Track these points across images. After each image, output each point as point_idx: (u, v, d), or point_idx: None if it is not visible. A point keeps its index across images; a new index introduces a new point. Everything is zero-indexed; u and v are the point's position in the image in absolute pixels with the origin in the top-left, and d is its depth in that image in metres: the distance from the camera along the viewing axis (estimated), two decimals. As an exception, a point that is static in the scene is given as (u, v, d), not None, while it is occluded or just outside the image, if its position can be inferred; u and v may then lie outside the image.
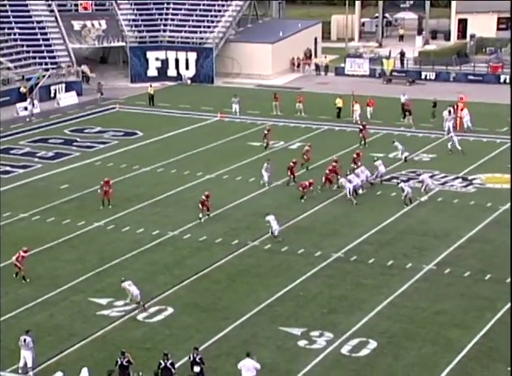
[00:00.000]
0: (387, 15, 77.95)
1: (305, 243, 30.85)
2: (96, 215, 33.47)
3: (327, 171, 36.51)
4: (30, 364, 21.70)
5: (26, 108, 50.51)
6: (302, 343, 23.66)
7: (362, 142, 43.31)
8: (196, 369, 20.15)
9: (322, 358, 22.89)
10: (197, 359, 20.50)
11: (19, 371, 21.84)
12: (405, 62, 63.32)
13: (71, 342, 23.48)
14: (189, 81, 60.86)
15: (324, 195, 35.67)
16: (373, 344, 23.51)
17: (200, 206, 32.89)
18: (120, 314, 25.36)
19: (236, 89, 55.53)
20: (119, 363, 20.70)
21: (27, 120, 49.28)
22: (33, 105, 50.73)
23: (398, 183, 35.93)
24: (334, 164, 37.08)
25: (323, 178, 36.18)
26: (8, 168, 40.16)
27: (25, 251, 27.80)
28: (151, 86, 54.79)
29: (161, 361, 20.57)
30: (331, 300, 26.36)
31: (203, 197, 33.02)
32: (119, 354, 20.98)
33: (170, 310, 25.64)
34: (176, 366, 21.05)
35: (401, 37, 74.95)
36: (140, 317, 25.23)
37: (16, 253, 27.84)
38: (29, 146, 43.93)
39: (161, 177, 38.97)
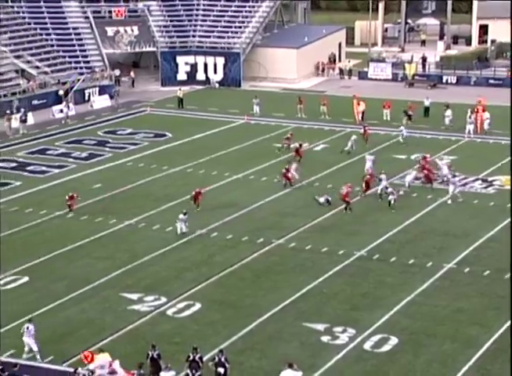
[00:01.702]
0: (409, 21, 77.46)
1: (329, 241, 30.68)
2: (127, 213, 33.54)
3: (368, 176, 35.90)
4: (35, 349, 22.00)
5: (61, 110, 50.83)
6: (325, 339, 23.52)
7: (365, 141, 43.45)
8: (221, 370, 20.08)
9: (345, 353, 22.73)
10: (222, 360, 20.42)
11: (24, 356, 22.03)
12: (426, 66, 62.87)
13: (102, 336, 23.53)
14: (217, 85, 60.89)
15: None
16: (394, 340, 23.31)
17: (192, 202, 33.18)
18: (150, 309, 25.38)
19: (262, 93, 55.46)
20: (150, 355, 20.70)
21: (63, 122, 49.57)
22: (68, 107, 51.05)
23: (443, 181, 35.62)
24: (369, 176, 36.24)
25: (363, 184, 35.60)
26: (44, 168, 40.42)
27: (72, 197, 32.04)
28: (180, 89, 54.90)
29: (190, 354, 20.55)
30: (354, 297, 26.18)
31: (194, 193, 33.44)
32: (150, 347, 20.97)
33: (197, 306, 25.62)
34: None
35: (423, 43, 74.40)
36: (169, 312, 25.24)
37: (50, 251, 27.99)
38: (64, 147, 44.18)
39: (190, 177, 38.99)
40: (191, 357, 20.47)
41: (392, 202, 33.90)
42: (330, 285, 27.08)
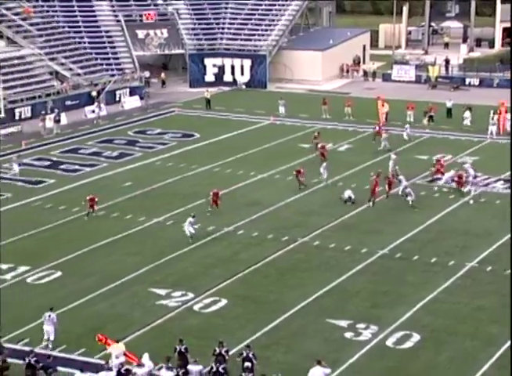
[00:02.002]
0: (433, 24, 76.80)
1: (352, 240, 30.59)
2: (156, 211, 33.71)
3: (390, 177, 35.67)
4: (52, 338, 22.41)
5: (93, 111, 51.20)
6: (348, 335, 23.47)
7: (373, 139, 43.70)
8: (248, 364, 20.12)
9: (368, 349, 22.66)
10: (250, 355, 20.45)
11: (42, 344, 22.32)
12: (449, 68, 62.34)
13: (131, 330, 23.67)
14: (243, 86, 60.93)
15: (368, 197, 35.24)
16: (416, 337, 23.20)
17: (210, 203, 33.12)
18: (178, 304, 25.49)
19: (287, 94, 55.41)
20: (178, 349, 20.80)
21: (94, 122, 49.93)
22: (100, 108, 51.41)
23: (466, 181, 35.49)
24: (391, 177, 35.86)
25: (386, 185, 35.27)
26: (76, 167, 40.74)
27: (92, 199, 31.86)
28: (208, 91, 55.04)
29: (216, 348, 20.62)
30: (376, 295, 26.08)
31: (212, 194, 33.33)
32: (177, 341, 21.06)
33: (223, 301, 25.68)
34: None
35: (446, 45, 73.75)
36: (196, 307, 25.33)
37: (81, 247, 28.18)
38: (96, 146, 44.50)
39: (217, 176, 39.08)
40: (217, 351, 20.55)
41: (410, 203, 33.70)
42: (353, 283, 27.01)
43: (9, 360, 20.50)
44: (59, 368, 20.30)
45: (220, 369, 19.83)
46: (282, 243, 30.49)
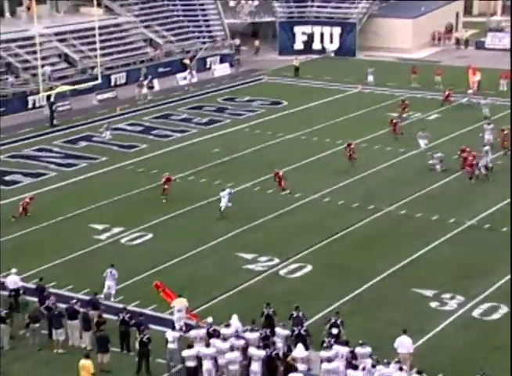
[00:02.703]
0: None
1: (439, 210, 30.00)
2: (244, 177, 33.91)
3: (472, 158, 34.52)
4: (113, 292, 23.36)
5: (185, 78, 51.75)
6: (434, 304, 23.15)
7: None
8: (335, 331, 20.15)
9: (453, 319, 22.32)
10: (338, 322, 20.46)
11: (102, 296, 23.12)
12: (546, 36, 59.68)
13: (219, 292, 24.05)
14: (332, 54, 60.22)
15: (456, 168, 34.37)
16: (503, 309, 22.66)
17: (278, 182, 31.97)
18: (264, 269, 25.70)
19: (376, 62, 54.42)
20: (265, 313, 21.00)
21: (186, 89, 50.46)
22: (191, 75, 51.91)
23: None
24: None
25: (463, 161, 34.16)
26: (167, 133, 41.35)
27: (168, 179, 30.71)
28: (297, 59, 54.67)
29: (294, 312, 20.77)
30: (463, 265, 25.57)
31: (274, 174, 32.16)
32: (264, 305, 21.26)
33: (309, 267, 25.73)
34: (311, 320, 21.18)
35: (544, 11, 70.55)
36: (282, 273, 25.48)
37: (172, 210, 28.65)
38: (186, 113, 45.01)
39: (304, 144, 38.93)
40: (294, 314, 20.68)
41: (485, 175, 32.81)
42: (440, 253, 26.55)
43: (105, 316, 21.18)
44: (151, 326, 20.89)
45: (302, 331, 19.91)
46: (368, 211, 30.20)
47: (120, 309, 21.36)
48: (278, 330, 20.26)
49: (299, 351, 19.02)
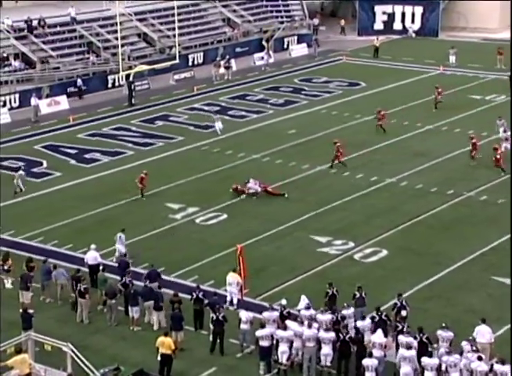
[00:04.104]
0: None
1: (522, 196, 29.20)
2: (320, 159, 33.75)
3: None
4: (123, 251, 24.73)
5: (262, 58, 51.74)
6: (513, 294, 22.60)
7: None
8: (404, 313, 19.98)
9: (533, 310, 21.73)
10: (404, 303, 20.31)
11: (114, 260, 24.31)
12: None
13: (294, 274, 24.11)
14: (413, 35, 59.07)
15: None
16: None
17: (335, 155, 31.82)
18: (338, 252, 25.63)
19: (459, 43, 53.09)
20: (329, 293, 21.02)
21: (262, 69, 50.49)
22: (269, 55, 51.88)
23: None
24: None
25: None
26: (243, 113, 41.53)
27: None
28: (377, 39, 53.91)
29: (356, 292, 20.75)
30: (546, 255, 24.83)
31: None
32: (327, 286, 21.25)
33: (384, 252, 25.51)
34: (386, 306, 21.05)
35: None
36: (356, 257, 25.36)
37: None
38: (262, 93, 45.06)
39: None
40: (357, 295, 20.73)
41: None
42: (522, 241, 25.88)
43: (180, 295, 21.56)
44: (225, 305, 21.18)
45: (383, 316, 19.66)
46: (447, 196, 29.67)
47: (194, 288, 21.69)
48: (344, 312, 20.10)
49: (378, 336, 18.90)
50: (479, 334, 19.25)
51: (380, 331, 19.03)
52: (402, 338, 18.80)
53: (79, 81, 44.54)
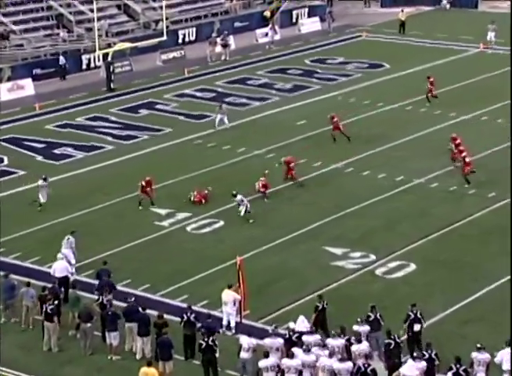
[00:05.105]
0: None
1: None
2: (334, 155, 33.84)
3: None
4: (73, 262, 24.54)
5: (266, 34, 51.78)
6: None
7: None
8: (417, 327, 20.21)
9: None
10: (419, 315, 20.61)
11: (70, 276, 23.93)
12: None
13: (303, 292, 24.08)
14: (448, 6, 59.27)
15: None
16: None
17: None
18: (357, 266, 25.68)
19: (502, 15, 53.20)
20: (319, 307, 21.31)
21: (267, 47, 50.64)
22: (274, 31, 51.89)
23: None
24: None
25: None
26: (244, 100, 41.64)
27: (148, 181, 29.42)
28: (403, 11, 54.06)
29: (370, 313, 20.76)
30: None
31: None
32: (317, 298, 21.67)
33: (412, 266, 25.57)
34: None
35: None
36: (378, 272, 25.41)
37: (245, 194, 28.94)
38: (267, 77, 45.22)
39: (408, 116, 38.57)
40: (371, 317, 20.73)
41: None
42: None
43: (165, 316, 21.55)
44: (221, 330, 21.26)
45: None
46: (487, 200, 29.79)
47: (185, 309, 21.71)
48: (355, 327, 20.22)
49: (408, 368, 18.85)
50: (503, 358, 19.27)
51: (410, 361, 18.95)
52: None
53: (62, 59, 44.52)
